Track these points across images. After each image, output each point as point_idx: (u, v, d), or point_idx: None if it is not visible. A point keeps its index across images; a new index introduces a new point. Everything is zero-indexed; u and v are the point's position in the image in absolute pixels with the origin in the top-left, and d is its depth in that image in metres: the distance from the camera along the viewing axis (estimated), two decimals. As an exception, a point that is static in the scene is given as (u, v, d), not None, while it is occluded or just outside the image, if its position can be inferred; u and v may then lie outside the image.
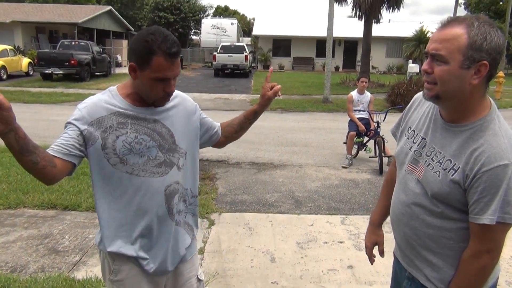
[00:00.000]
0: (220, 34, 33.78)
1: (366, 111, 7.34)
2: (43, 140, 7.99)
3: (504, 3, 34.00)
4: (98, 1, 50.33)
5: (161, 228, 1.77)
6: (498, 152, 1.36)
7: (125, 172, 1.67)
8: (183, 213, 1.86)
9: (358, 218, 4.84)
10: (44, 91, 16.32)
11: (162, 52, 1.56)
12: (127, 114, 1.68)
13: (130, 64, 1.63)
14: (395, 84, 14.84)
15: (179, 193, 1.81)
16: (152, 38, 1.56)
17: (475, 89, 1.40)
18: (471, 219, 1.42)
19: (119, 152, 1.65)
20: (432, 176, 1.50)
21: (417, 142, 1.61)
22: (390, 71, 33.20)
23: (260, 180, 6.24)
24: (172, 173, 1.77)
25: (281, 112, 13.66)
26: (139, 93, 1.69)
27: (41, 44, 29.52)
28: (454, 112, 1.48)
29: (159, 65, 1.57)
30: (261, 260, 3.77)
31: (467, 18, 1.38)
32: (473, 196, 1.40)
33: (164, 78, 1.61)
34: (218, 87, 20.11)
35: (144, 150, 1.68)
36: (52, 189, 5.13)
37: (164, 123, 1.75)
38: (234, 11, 66.75)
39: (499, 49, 1.36)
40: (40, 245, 3.92)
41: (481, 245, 1.43)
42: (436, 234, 1.53)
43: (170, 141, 1.76)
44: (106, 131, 1.64)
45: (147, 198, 1.71)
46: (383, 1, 20.71)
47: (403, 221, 1.63)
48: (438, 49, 1.38)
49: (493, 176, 1.35)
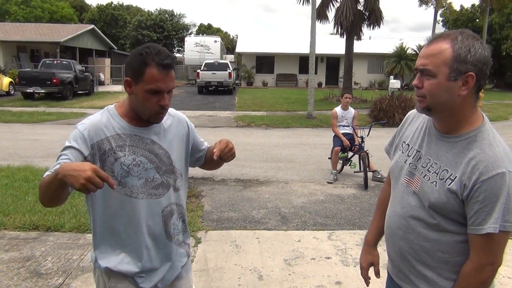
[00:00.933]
0: (203, 51, 33.90)
1: (350, 127, 7.42)
2: (24, 160, 7.87)
3: (480, 20, 35.00)
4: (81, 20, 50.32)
5: (158, 248, 1.78)
6: (495, 160, 1.39)
7: (123, 194, 1.68)
8: (181, 233, 1.88)
9: (345, 233, 4.84)
10: (25, 110, 16.10)
11: (155, 63, 1.57)
12: (125, 135, 1.68)
13: (126, 79, 1.64)
14: (378, 99, 15.07)
15: (178, 213, 1.83)
16: (146, 51, 1.59)
17: (465, 100, 1.45)
18: (472, 231, 1.42)
19: (117, 174, 1.65)
20: (429, 186, 1.51)
21: (412, 155, 1.63)
22: (372, 87, 33.73)
23: (246, 196, 6.22)
24: (169, 194, 1.78)
25: (265, 128, 13.71)
26: (135, 110, 1.69)
27: (22, 63, 29.20)
28: (448, 123, 1.52)
29: (152, 76, 1.57)
30: (248, 278, 3.73)
31: (451, 34, 1.44)
32: (473, 206, 1.40)
33: (158, 89, 1.60)
34: (202, 104, 20.12)
35: (142, 172, 1.69)
36: (34, 210, 5.03)
37: (162, 145, 1.76)
38: (217, 29, 67.25)
39: (484, 60, 1.41)
40: (22, 268, 3.81)
41: (484, 258, 1.43)
42: (432, 248, 1.53)
43: (167, 163, 1.77)
44: (105, 154, 1.64)
45: (145, 219, 1.72)
46: (364, 18, 21.12)
47: (399, 235, 1.63)
48: (426, 64, 1.45)
49: (492, 184, 1.37)
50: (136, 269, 1.74)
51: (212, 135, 11.83)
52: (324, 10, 20.95)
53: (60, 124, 13.23)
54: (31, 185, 6.05)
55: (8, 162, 7.49)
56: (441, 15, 40.73)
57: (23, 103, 18.07)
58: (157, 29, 46.51)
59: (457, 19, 40.31)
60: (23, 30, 30.67)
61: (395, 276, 1.73)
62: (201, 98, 23.40)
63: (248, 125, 14.16)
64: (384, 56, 33.49)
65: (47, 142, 9.84)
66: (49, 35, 29.44)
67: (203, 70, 25.42)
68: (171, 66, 1.62)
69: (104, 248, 1.74)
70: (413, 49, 33.19)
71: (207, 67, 25.51)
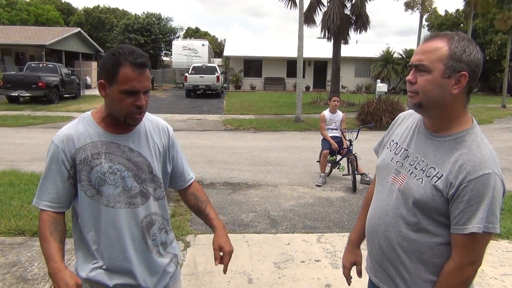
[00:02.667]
0: (191, 55, 33.85)
1: (339, 130, 7.46)
2: (9, 164, 7.75)
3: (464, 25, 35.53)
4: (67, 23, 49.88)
5: (139, 259, 1.72)
6: (482, 161, 1.41)
7: (101, 204, 1.64)
8: (164, 243, 1.83)
9: (334, 236, 4.85)
10: (10, 114, 15.89)
11: (129, 63, 1.54)
12: (101, 143, 1.64)
13: (100, 81, 1.61)
14: (365, 103, 15.21)
15: (159, 224, 1.77)
16: (119, 51, 1.56)
17: (456, 100, 1.47)
18: (455, 231, 1.44)
19: (94, 183, 1.63)
20: (414, 183, 1.52)
21: (399, 154, 1.64)
22: (359, 91, 33.98)
23: (235, 200, 6.20)
24: (148, 204, 1.72)
25: (254, 131, 13.71)
26: (112, 113, 1.65)
27: (6, 66, 28.80)
28: (437, 122, 1.53)
29: (126, 76, 1.54)
30: (238, 282, 3.71)
31: (448, 34, 1.48)
32: (458, 206, 1.42)
33: (133, 90, 1.56)
34: (190, 108, 20.06)
35: (119, 181, 1.65)
36: (20, 215, 4.95)
37: (141, 152, 1.71)
38: (205, 32, 67.22)
39: (477, 62, 1.45)
40: (8, 273, 3.75)
41: (466, 257, 1.44)
42: (411, 248, 1.54)
43: (147, 171, 1.71)
44: (81, 163, 1.62)
45: (124, 229, 1.67)
46: (351, 22, 21.28)
47: (379, 232, 1.64)
48: (421, 60, 1.47)
49: (479, 184, 1.38)
50: (117, 280, 1.69)
51: (200, 138, 11.81)
52: (312, 14, 21.05)
53: (46, 128, 13.06)
54: (16, 189, 5.96)
55: (-8, 166, 7.36)
56: (426, 20, 41.22)
57: (8, 107, 17.82)
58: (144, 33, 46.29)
59: (442, 24, 40.90)
60: (7, 32, 30.26)
61: (373, 275, 1.74)
62: (189, 101, 23.34)
63: (237, 129, 14.15)
64: (371, 60, 33.82)
65: (33, 146, 9.72)
66: (34, 38, 29.10)
67: (191, 74, 25.35)
68: (146, 65, 1.58)
69: (84, 259, 1.70)
70: (399, 53, 33.55)
71: (195, 71, 25.44)
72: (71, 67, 29.01)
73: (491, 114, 19.50)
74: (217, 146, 10.65)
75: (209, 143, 11.09)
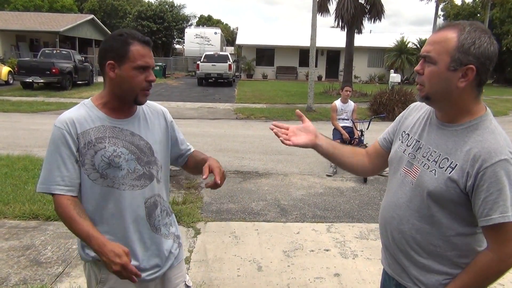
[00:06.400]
0: (203, 43, 33.79)
1: (350, 120, 7.42)
2: (24, 149, 7.87)
3: (482, 15, 34.88)
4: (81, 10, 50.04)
5: (144, 239, 1.77)
6: (497, 147, 1.37)
7: (105, 186, 1.68)
8: (167, 224, 1.88)
9: (344, 225, 4.86)
10: (24, 100, 16.06)
11: (137, 40, 1.65)
12: (104, 127, 1.69)
13: (108, 62, 1.65)
14: (378, 93, 15.05)
15: (161, 205, 1.83)
16: (124, 32, 1.67)
17: (464, 93, 1.43)
18: (482, 223, 1.39)
19: (98, 167, 1.66)
20: (428, 175, 1.50)
21: (411, 145, 1.61)
22: (372, 81, 33.67)
23: (246, 188, 6.23)
24: (152, 186, 1.78)
25: (265, 120, 13.70)
26: (119, 95, 1.70)
27: (21, 52, 29.07)
28: (449, 113, 1.50)
29: (138, 52, 1.64)
30: (247, 269, 3.75)
31: (460, 23, 1.42)
32: (480, 195, 1.37)
33: (145, 65, 1.66)
34: (201, 96, 20.07)
35: (123, 163, 1.69)
36: (34, 200, 5.03)
37: (142, 136, 1.76)
38: (217, 20, 66.94)
39: (489, 55, 1.38)
40: (22, 256, 3.83)
41: (507, 248, 1.38)
42: (424, 241, 1.53)
43: (148, 154, 1.77)
44: (85, 147, 1.65)
45: (128, 210, 1.71)
46: (365, 11, 21.03)
47: (393, 225, 1.63)
48: (429, 51, 1.43)
49: (496, 171, 1.35)
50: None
51: (211, 127, 11.83)
52: (325, 3, 20.84)
53: (60, 114, 13.17)
54: (30, 174, 6.05)
55: (7, 151, 7.49)
56: (442, 9, 40.52)
57: (22, 93, 18.01)
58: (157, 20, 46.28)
59: (458, 14, 40.14)
60: (22, 19, 30.50)
61: (387, 267, 1.73)
62: (201, 90, 23.35)
63: (248, 118, 14.14)
64: (385, 50, 33.41)
65: (47, 132, 9.76)
66: (48, 25, 29.29)
67: (203, 62, 25.32)
68: (151, 44, 1.71)
69: None
70: (414, 43, 33.08)
71: (207, 59, 25.39)
72: (85, 54, 29.17)
73: (506, 106, 19.18)
74: (228, 135, 10.67)
75: (220, 131, 11.11)
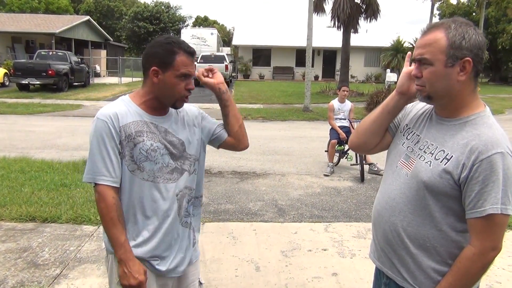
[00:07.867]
0: (200, 44, 33.69)
1: (347, 119, 7.43)
2: (20, 151, 7.85)
3: (477, 14, 34.99)
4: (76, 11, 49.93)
5: (172, 231, 1.85)
6: (494, 141, 1.41)
7: (141, 178, 1.77)
8: (191, 216, 1.96)
9: (341, 225, 4.86)
10: (20, 101, 16.01)
11: (183, 50, 1.74)
12: (142, 122, 1.78)
13: (153, 68, 1.74)
14: (374, 93, 15.11)
15: (188, 197, 1.91)
16: (172, 41, 1.75)
17: (464, 85, 1.48)
18: (472, 214, 1.42)
19: (136, 159, 1.75)
20: (423, 166, 1.53)
21: (411, 139, 1.65)
22: (368, 80, 33.74)
23: (243, 189, 6.23)
24: (183, 179, 1.87)
25: (262, 121, 13.71)
26: (159, 97, 1.79)
27: (17, 54, 29.00)
28: (448, 109, 1.54)
29: (182, 62, 1.73)
30: (245, 269, 3.75)
31: (444, 22, 1.48)
32: (473, 187, 1.40)
33: (188, 74, 1.76)
34: (199, 97, 20.00)
35: (159, 157, 1.78)
36: (31, 201, 5.02)
37: (174, 133, 1.85)
38: (213, 21, 66.93)
39: (479, 45, 1.45)
40: (19, 258, 3.81)
41: (487, 242, 1.41)
42: (415, 234, 1.55)
43: (181, 149, 1.86)
44: (126, 139, 1.74)
45: (161, 202, 1.80)
46: (361, 11, 21.06)
47: (385, 217, 1.64)
48: (423, 54, 1.49)
49: (492, 163, 1.38)
50: (151, 252, 1.80)
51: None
52: (321, 2, 20.87)
53: (56, 116, 13.18)
54: (27, 176, 6.04)
55: (4, 153, 7.46)
56: (438, 9, 40.60)
57: (18, 95, 17.96)
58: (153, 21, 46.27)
59: (453, 13, 40.20)
60: (18, 20, 30.39)
61: (377, 259, 1.74)
62: (198, 90, 23.18)
63: (245, 118, 14.12)
64: (381, 50, 33.45)
65: (43, 134, 9.80)
66: (44, 26, 29.20)
67: (200, 63, 25.24)
68: (195, 54, 1.83)
69: None
70: (410, 43, 33.13)
71: (203, 60, 25.34)
72: (81, 55, 29.10)
73: (502, 105, 19.26)
74: (225, 135, 10.65)
75: (217, 132, 11.08)
